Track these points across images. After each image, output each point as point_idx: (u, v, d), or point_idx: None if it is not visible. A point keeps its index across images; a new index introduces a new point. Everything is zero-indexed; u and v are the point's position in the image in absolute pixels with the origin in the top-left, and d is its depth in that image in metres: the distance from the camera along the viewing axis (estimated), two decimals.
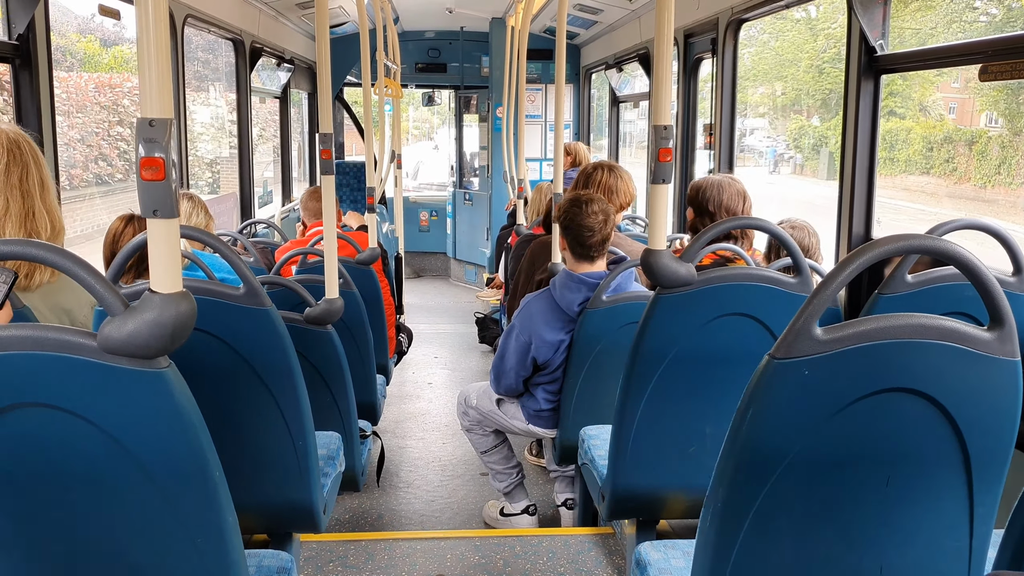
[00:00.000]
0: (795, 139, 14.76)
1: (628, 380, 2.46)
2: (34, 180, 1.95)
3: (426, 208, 11.74)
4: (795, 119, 14.85)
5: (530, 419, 3.56)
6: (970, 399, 1.47)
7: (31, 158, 1.96)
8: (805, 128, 14.32)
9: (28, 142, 1.98)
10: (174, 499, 1.43)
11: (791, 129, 14.85)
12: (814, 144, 13.85)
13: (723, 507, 1.54)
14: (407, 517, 4.14)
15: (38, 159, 1.98)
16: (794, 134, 14.78)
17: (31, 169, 1.95)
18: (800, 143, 14.60)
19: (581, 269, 3.32)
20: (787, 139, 15.12)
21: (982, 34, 6.72)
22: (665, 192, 2.34)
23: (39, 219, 1.94)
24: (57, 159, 3.28)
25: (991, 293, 1.44)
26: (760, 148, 15.49)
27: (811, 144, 14.01)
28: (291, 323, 2.67)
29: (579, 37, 8.75)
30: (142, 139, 1.32)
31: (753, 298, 2.35)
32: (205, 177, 7.12)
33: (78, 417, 1.36)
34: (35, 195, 1.94)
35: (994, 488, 1.55)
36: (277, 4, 6.27)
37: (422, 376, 6.74)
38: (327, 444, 2.84)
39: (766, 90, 14.74)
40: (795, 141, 14.72)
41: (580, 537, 3.33)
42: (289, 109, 7.71)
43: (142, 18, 1.31)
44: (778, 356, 1.43)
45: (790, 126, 14.95)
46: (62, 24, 5.75)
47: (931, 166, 9.32)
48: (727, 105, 4.89)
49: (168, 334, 1.32)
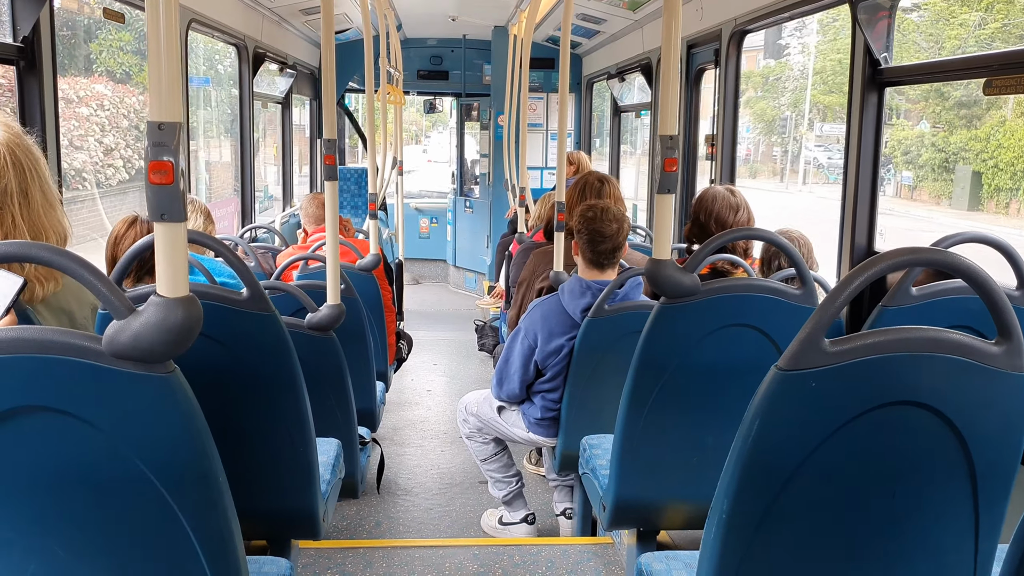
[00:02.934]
0: (904, 151, 12.12)
1: (630, 389, 2.45)
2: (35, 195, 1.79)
3: (427, 215, 11.75)
4: (898, 124, 12.51)
5: (531, 427, 3.55)
6: (977, 413, 1.46)
7: (26, 170, 1.79)
8: (922, 138, 11.59)
9: (25, 150, 1.81)
10: (177, 504, 1.42)
11: (896, 139, 12.58)
12: (942, 161, 11.10)
13: (727, 518, 1.53)
14: (405, 525, 4.13)
15: (34, 169, 1.82)
16: (901, 145, 12.01)
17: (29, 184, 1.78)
18: (912, 157, 12.06)
19: (592, 276, 3.33)
20: (889, 152, 12.23)
21: None
22: (670, 202, 2.34)
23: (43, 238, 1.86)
24: (60, 163, 3.27)
25: (999, 306, 1.44)
26: (821, 159, 12.89)
27: (936, 160, 11.30)
28: (293, 329, 2.66)
29: (581, 47, 8.76)
30: (151, 143, 1.31)
31: (757, 309, 2.35)
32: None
33: (82, 421, 1.35)
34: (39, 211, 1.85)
35: (1000, 502, 1.54)
36: (281, 10, 6.28)
37: (421, 383, 6.72)
38: (327, 451, 2.83)
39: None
40: (904, 155, 12.09)
41: (579, 547, 3.32)
42: (291, 115, 7.72)
43: (152, 23, 1.31)
44: (786, 368, 1.43)
45: (895, 134, 12.68)
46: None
47: None
48: (729, 116, 4.90)
49: (174, 338, 1.31)
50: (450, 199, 11.39)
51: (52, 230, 1.80)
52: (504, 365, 3.51)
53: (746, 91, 28.91)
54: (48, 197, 1.82)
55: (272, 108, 7.75)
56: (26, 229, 1.76)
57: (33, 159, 1.80)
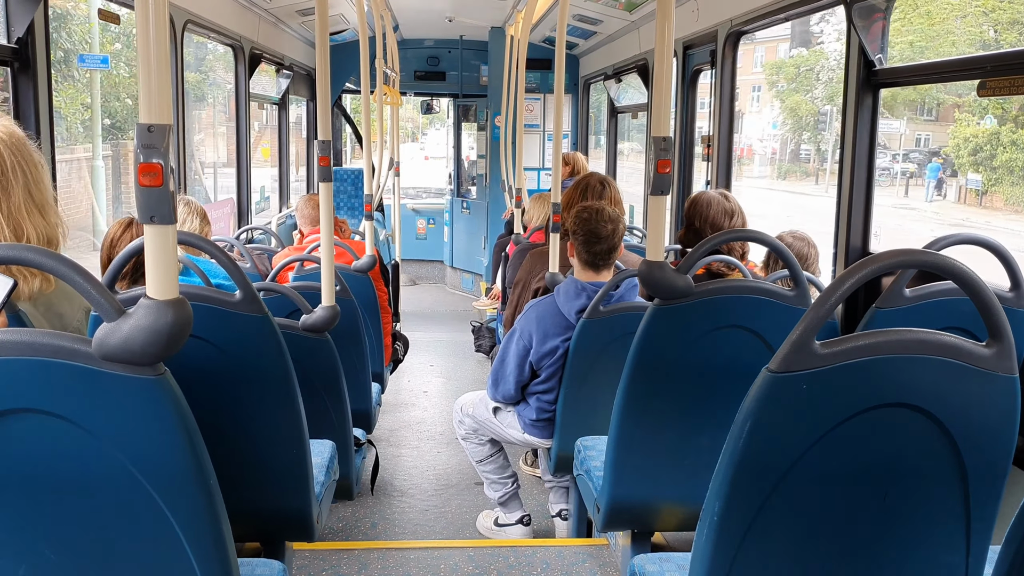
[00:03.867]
0: (972, 151, 10.22)
1: (625, 391, 2.45)
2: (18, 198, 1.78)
3: (423, 216, 11.74)
4: (961, 121, 10.55)
5: (526, 428, 3.55)
6: (968, 415, 1.46)
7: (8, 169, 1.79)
8: (996, 135, 9.78)
9: (12, 149, 1.81)
10: (168, 506, 1.42)
11: (961, 137, 10.62)
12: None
13: (719, 520, 1.53)
14: (401, 526, 4.13)
15: (19, 169, 1.81)
16: (968, 144, 10.07)
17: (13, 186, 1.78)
18: (983, 158, 10.16)
19: (587, 277, 3.33)
20: (951, 151, 10.49)
21: None
22: (664, 204, 2.34)
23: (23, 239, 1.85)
24: (54, 164, 3.27)
25: (990, 309, 1.44)
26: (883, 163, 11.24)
27: (1019, 161, 9.50)
28: (287, 330, 2.66)
29: (578, 47, 8.77)
30: (141, 145, 1.31)
31: (750, 311, 2.35)
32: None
33: (72, 423, 1.35)
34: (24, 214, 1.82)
35: (991, 504, 1.54)
36: (277, 10, 6.28)
37: (417, 384, 6.72)
38: (321, 452, 2.83)
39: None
40: (971, 155, 10.19)
41: (574, 548, 3.32)
42: (288, 115, 7.71)
43: (143, 24, 1.31)
44: (776, 370, 1.43)
45: (959, 131, 10.85)
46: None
47: None
48: (725, 117, 4.90)
49: (164, 341, 1.31)
50: (447, 200, 11.39)
51: (35, 231, 1.79)
52: (499, 366, 3.51)
53: (776, 82, 27.72)
54: (36, 199, 1.81)
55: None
56: (5, 227, 1.76)
57: (20, 159, 1.80)
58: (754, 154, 29.30)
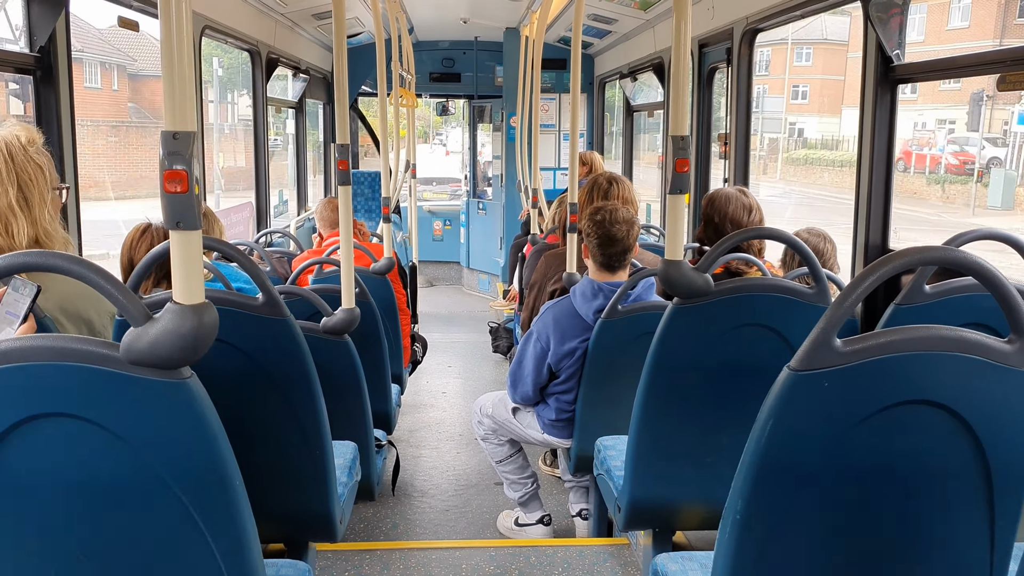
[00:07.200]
0: None
1: (645, 390, 2.46)
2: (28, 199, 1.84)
3: (440, 217, 11.77)
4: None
5: (545, 429, 3.56)
6: (991, 411, 1.46)
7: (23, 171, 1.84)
8: None
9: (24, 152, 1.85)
10: (195, 509, 1.43)
11: None
12: None
13: (742, 519, 1.53)
14: (422, 527, 4.14)
15: (32, 171, 1.87)
16: None
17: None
18: None
19: (603, 278, 3.33)
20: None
21: None
22: (682, 202, 2.34)
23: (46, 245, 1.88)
24: (77, 171, 3.31)
25: (1011, 304, 1.43)
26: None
27: None
28: (308, 333, 2.68)
29: (593, 47, 8.76)
30: (166, 152, 1.33)
31: (770, 309, 2.35)
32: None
33: (101, 427, 1.37)
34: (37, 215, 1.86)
35: (1015, 501, 1.53)
36: (293, 15, 6.31)
37: (436, 385, 6.74)
38: (343, 453, 2.85)
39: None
40: None
41: (595, 548, 3.32)
42: (304, 119, 7.75)
43: (167, 32, 1.32)
44: (798, 368, 1.43)
45: None
46: None
47: None
48: (742, 114, 4.88)
49: (191, 345, 1.33)
50: (463, 201, 11.41)
51: (23, 229, 1.85)
52: (517, 368, 3.52)
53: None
54: (29, 200, 1.87)
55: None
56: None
57: (27, 166, 1.85)
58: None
